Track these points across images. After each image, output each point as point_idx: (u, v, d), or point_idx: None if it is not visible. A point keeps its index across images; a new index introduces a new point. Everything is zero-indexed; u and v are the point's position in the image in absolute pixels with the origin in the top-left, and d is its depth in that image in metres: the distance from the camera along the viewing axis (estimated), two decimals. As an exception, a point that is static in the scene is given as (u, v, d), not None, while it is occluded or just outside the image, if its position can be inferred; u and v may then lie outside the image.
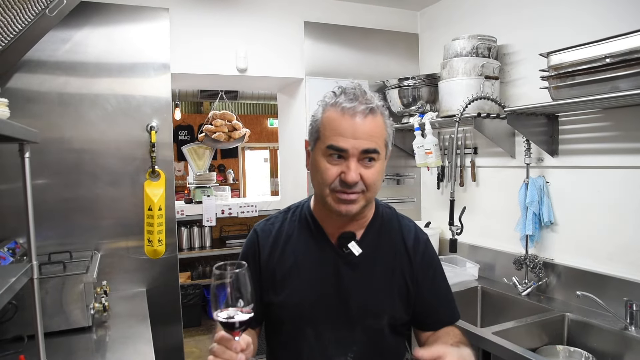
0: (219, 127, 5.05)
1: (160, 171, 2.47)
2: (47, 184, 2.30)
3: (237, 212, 4.94)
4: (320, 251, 1.30)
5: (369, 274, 1.29)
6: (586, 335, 2.00)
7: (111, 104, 2.41)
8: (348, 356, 1.26)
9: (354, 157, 1.15)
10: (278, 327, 1.32)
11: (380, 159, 1.20)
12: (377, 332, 1.28)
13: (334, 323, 1.26)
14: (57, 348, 1.72)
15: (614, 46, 1.72)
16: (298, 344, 1.28)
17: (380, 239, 1.33)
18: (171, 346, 2.56)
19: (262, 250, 1.32)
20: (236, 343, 0.96)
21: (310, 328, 1.26)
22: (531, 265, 2.36)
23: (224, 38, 2.80)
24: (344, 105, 1.16)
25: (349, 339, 1.26)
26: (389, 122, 1.24)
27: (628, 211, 2.01)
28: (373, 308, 1.28)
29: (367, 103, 1.17)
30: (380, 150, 1.18)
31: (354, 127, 1.15)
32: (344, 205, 1.19)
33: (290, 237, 1.33)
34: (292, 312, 1.27)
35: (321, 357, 1.26)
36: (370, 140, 1.15)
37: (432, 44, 3.19)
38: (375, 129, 1.17)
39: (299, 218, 1.36)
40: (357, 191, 1.17)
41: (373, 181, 1.18)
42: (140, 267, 2.48)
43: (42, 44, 2.21)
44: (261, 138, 10.52)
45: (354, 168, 1.15)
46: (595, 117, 2.13)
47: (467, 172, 2.85)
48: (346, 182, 1.15)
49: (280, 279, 1.29)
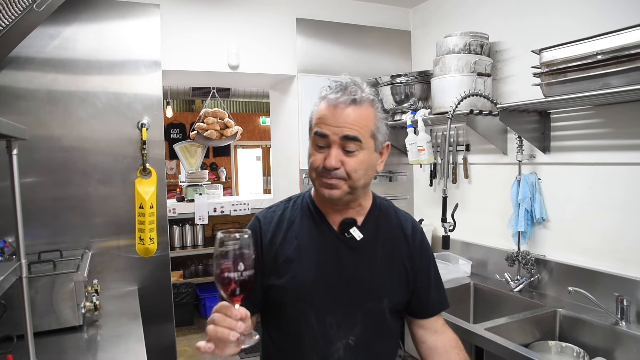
0: (211, 124, 5.04)
1: (152, 169, 2.45)
2: (36, 182, 2.28)
3: (229, 210, 4.93)
4: (322, 236, 1.32)
5: (370, 259, 1.32)
6: (578, 331, 2.02)
7: (101, 101, 2.38)
8: (349, 339, 1.28)
9: (336, 144, 1.21)
10: (279, 311, 1.33)
11: (364, 148, 1.23)
12: (377, 316, 1.31)
13: (335, 306, 1.28)
14: (48, 347, 1.70)
15: (605, 43, 1.73)
16: (299, 327, 1.29)
17: (380, 226, 1.36)
18: (163, 345, 2.55)
19: (264, 235, 1.34)
20: (236, 310, 0.97)
21: (311, 311, 1.28)
22: (523, 261, 2.37)
23: (216, 34, 2.79)
24: (330, 96, 1.24)
25: (350, 322, 1.28)
26: (380, 115, 1.27)
27: (619, 207, 2.02)
28: (374, 291, 1.30)
29: (352, 94, 1.22)
30: (362, 139, 1.21)
31: (335, 115, 1.21)
32: (327, 189, 1.24)
33: (292, 223, 1.36)
34: (294, 294, 1.29)
35: (322, 341, 1.27)
36: (351, 128, 1.20)
37: (425, 41, 3.19)
38: (358, 118, 1.21)
39: (301, 206, 1.39)
40: (338, 177, 1.22)
41: (354, 169, 1.22)
42: (131, 266, 2.46)
43: (30, 40, 2.18)
44: (253, 136, 10.48)
45: (334, 154, 1.21)
46: (586, 114, 2.14)
47: (460, 169, 2.85)
48: (325, 167, 1.21)
49: (283, 263, 1.30)
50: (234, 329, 0.96)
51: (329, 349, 1.27)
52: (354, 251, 1.31)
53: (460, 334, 1.95)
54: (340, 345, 1.27)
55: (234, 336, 0.96)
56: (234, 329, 0.96)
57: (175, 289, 4.86)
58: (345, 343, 1.27)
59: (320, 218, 1.34)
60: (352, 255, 1.31)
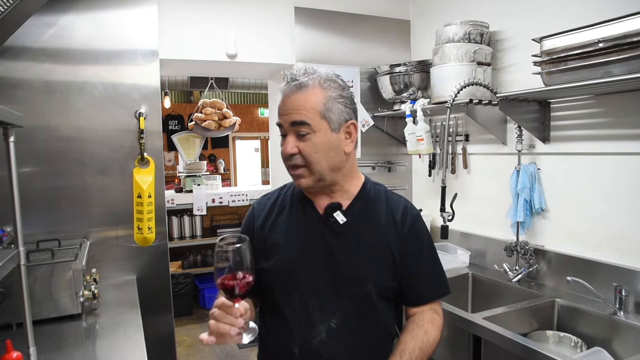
0: (209, 115, 5.02)
1: (150, 158, 2.44)
2: (34, 172, 2.26)
3: (227, 201, 4.93)
4: (308, 220, 1.36)
5: (354, 243, 1.33)
6: (576, 321, 2.02)
7: (98, 91, 2.36)
8: (331, 322, 1.29)
9: (290, 131, 1.27)
10: (268, 293, 1.37)
11: (316, 130, 1.24)
12: (362, 301, 1.30)
13: (319, 289, 1.30)
14: (46, 335, 1.70)
15: (607, 30, 1.72)
16: (284, 309, 1.32)
17: (367, 210, 1.37)
18: (162, 335, 2.55)
19: (256, 220, 1.42)
20: (236, 309, 1.05)
21: (296, 294, 1.31)
22: (522, 251, 2.37)
23: (214, 23, 2.77)
24: (282, 87, 1.30)
25: (333, 305, 1.29)
26: (333, 94, 1.27)
27: (619, 197, 2.02)
28: (357, 275, 1.30)
29: (296, 80, 1.26)
30: (310, 122, 1.23)
31: (285, 103, 1.28)
32: (296, 179, 1.31)
33: (283, 208, 1.41)
34: (280, 277, 1.33)
35: (305, 323, 1.30)
36: (298, 113, 1.24)
37: (424, 30, 3.17)
38: (303, 102, 1.24)
39: (292, 193, 1.44)
40: (299, 164, 1.27)
41: (309, 152, 1.25)
42: (130, 255, 2.46)
43: (26, 29, 2.16)
44: (252, 128, 10.46)
45: (289, 142, 1.26)
46: (587, 103, 2.13)
47: (459, 159, 2.85)
48: (283, 154, 1.29)
49: (271, 246, 1.36)
50: (234, 325, 1.05)
51: (312, 331, 1.29)
52: (337, 235, 1.33)
53: (458, 323, 1.97)
54: (322, 328, 1.29)
55: (235, 331, 1.04)
56: (234, 325, 1.05)
57: (174, 280, 4.86)
58: (327, 326, 1.29)
59: (307, 204, 1.38)
60: (336, 238, 1.33)
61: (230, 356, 4.15)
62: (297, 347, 1.29)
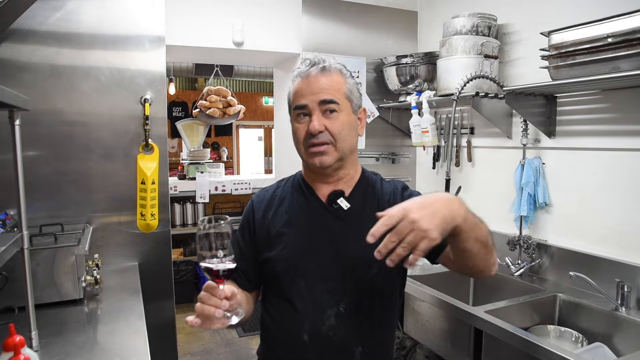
0: (214, 102, 5.00)
1: (154, 145, 2.44)
2: (39, 155, 2.26)
3: (230, 189, 4.93)
4: (311, 208, 1.38)
5: (357, 227, 1.31)
6: (577, 316, 2.02)
7: (105, 76, 2.35)
8: (340, 306, 1.30)
9: (316, 110, 1.29)
10: (274, 283, 1.37)
11: (342, 110, 1.30)
12: (368, 283, 1.32)
13: (325, 275, 1.32)
14: (48, 319, 1.70)
15: (616, 25, 1.70)
16: (292, 297, 1.33)
17: (367, 197, 1.40)
18: (163, 321, 2.56)
19: (256, 213, 1.43)
20: (220, 290, 1.05)
21: (302, 281, 1.32)
22: (525, 246, 2.36)
23: (221, 10, 2.75)
24: (301, 70, 1.34)
25: (340, 290, 1.31)
26: (350, 81, 1.36)
27: (623, 194, 2.01)
28: (362, 259, 1.30)
29: (321, 64, 1.32)
30: (339, 101, 1.29)
31: (309, 85, 1.30)
32: (317, 157, 1.30)
33: (283, 199, 1.43)
34: (285, 265, 1.34)
35: (314, 309, 1.31)
36: (326, 92, 1.28)
37: (431, 22, 3.15)
38: (331, 83, 1.30)
39: (292, 184, 1.46)
40: (325, 141, 1.29)
41: (338, 130, 1.29)
42: (132, 241, 2.46)
43: (33, 11, 2.14)
44: (256, 116, 10.44)
45: (316, 119, 1.28)
46: (594, 98, 2.11)
47: (463, 152, 2.84)
48: (311, 132, 1.28)
49: (275, 236, 1.37)
50: (219, 306, 1.04)
51: (321, 316, 1.30)
52: (341, 221, 1.35)
53: (459, 316, 1.97)
54: (331, 312, 1.30)
55: (220, 313, 1.04)
56: (218, 306, 1.04)
57: (176, 267, 4.88)
58: (336, 310, 1.30)
59: (309, 192, 1.40)
60: (340, 224, 1.35)
61: (231, 344, 4.17)
62: (306, 333, 1.30)
